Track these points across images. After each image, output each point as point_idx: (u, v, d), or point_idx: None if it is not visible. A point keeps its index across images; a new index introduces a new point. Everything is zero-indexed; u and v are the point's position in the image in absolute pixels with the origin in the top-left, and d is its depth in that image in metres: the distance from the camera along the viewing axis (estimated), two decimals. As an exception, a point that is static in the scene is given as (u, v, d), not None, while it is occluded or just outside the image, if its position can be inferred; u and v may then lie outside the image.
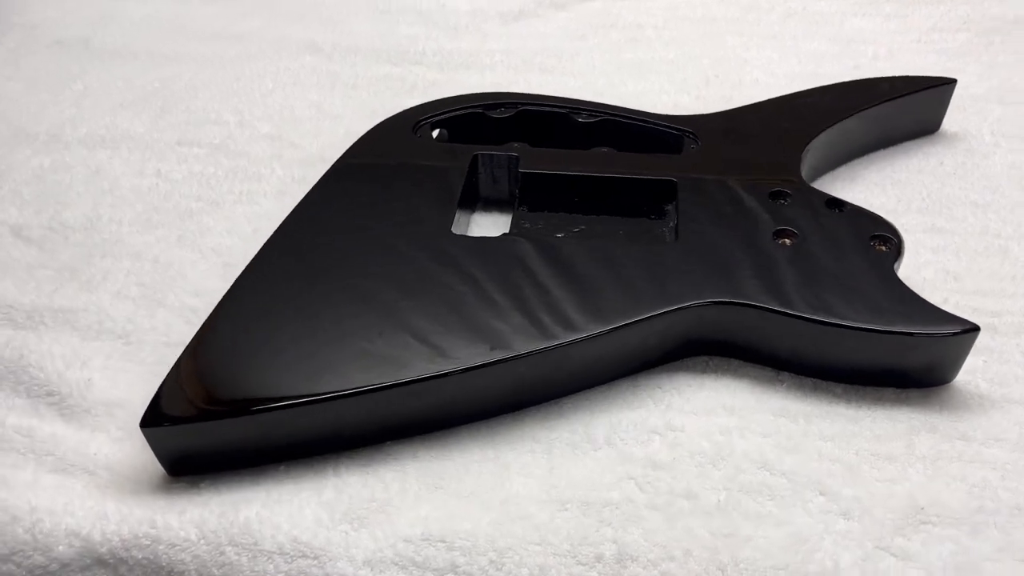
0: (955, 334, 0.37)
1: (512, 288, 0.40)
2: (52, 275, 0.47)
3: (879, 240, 0.42)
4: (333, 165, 0.49)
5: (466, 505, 0.35)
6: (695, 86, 0.62)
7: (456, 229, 0.44)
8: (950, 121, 0.57)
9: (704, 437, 0.38)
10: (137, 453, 0.38)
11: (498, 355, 0.36)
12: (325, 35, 0.70)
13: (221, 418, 0.35)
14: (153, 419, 0.35)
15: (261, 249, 0.43)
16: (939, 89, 0.54)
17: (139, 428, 0.35)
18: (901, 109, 0.53)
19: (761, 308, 0.38)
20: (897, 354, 0.38)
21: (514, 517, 0.35)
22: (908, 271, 0.44)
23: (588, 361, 0.39)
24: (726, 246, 0.42)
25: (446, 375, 0.36)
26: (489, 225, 0.49)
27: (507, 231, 0.46)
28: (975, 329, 0.37)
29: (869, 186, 0.52)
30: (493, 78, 0.63)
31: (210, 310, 0.45)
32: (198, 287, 0.47)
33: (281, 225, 0.44)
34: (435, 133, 0.52)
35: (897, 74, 0.56)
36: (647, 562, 0.33)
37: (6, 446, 0.38)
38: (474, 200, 0.50)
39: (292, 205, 0.52)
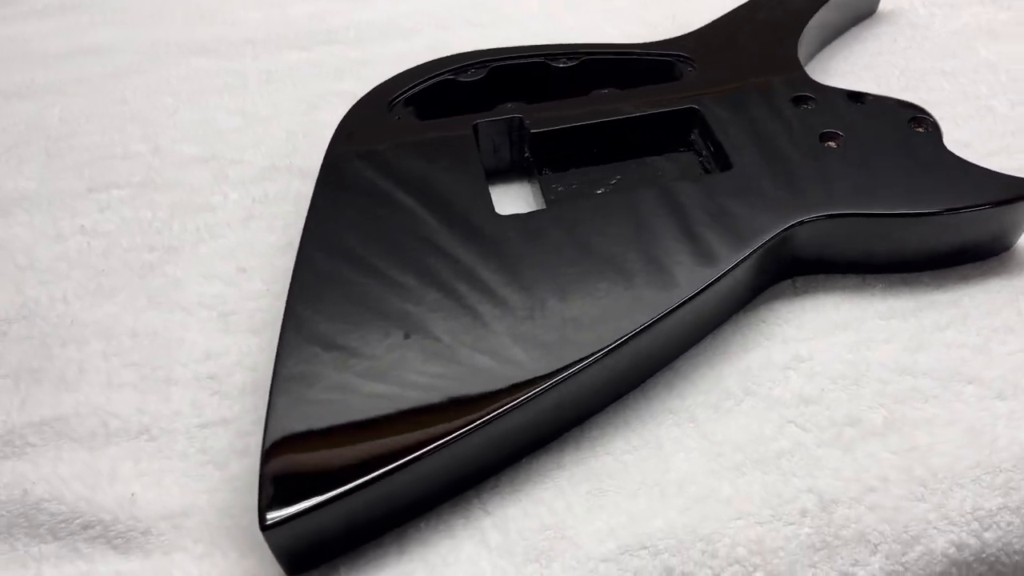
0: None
1: (607, 258, 0.36)
2: (8, 384, 0.38)
3: (915, 123, 0.42)
4: (320, 173, 0.41)
5: (644, 501, 0.32)
6: (635, 11, 0.59)
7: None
8: (883, 1, 0.58)
9: (835, 359, 0.37)
10: (234, 563, 0.31)
11: (632, 326, 0.33)
12: (205, 31, 0.60)
13: (353, 492, 0.29)
14: (276, 520, 0.28)
15: (292, 287, 0.36)
16: (879, -31, 0.55)
17: (223, 533, 0.30)
18: (852, -6, 0.54)
19: (856, 215, 0.37)
20: (981, 227, 0.39)
21: (699, 499, 0.32)
22: (931, 148, 0.44)
23: (706, 312, 0.36)
24: (782, 162, 0.40)
25: (592, 360, 0.32)
26: (509, 197, 0.45)
27: (542, 199, 0.42)
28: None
29: (844, 75, 0.53)
30: (424, 42, 0.57)
31: (232, 373, 0.38)
32: (205, 350, 0.39)
33: (299, 252, 0.37)
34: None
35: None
36: (851, 500, 0.32)
37: (62, 608, 0.30)
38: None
39: (265, 229, 0.45)
